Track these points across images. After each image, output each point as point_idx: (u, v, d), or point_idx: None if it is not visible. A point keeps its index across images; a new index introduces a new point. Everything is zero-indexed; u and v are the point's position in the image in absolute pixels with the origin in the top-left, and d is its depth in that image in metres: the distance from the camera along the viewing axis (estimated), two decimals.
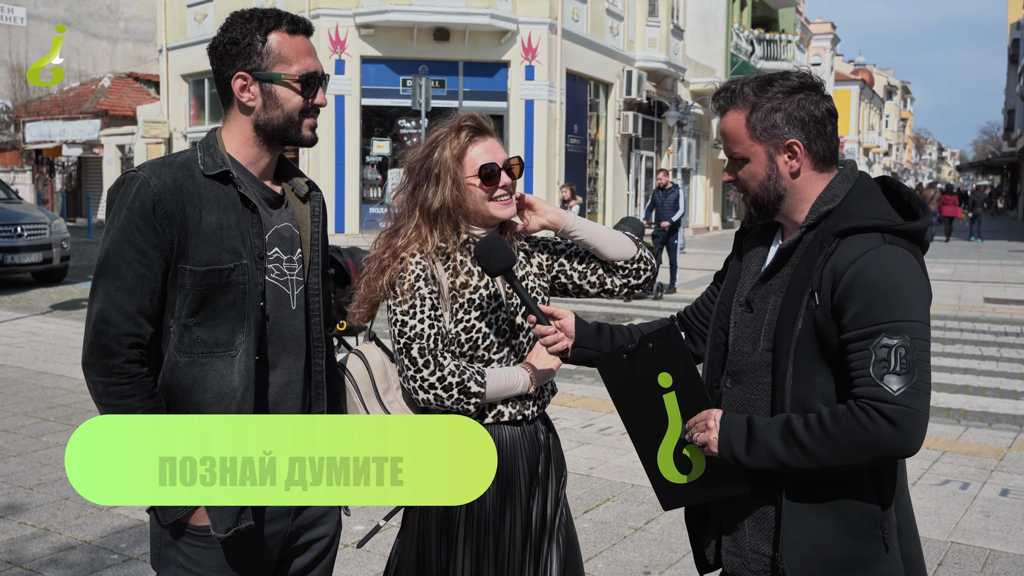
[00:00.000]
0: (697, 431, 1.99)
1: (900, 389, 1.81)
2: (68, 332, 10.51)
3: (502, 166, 2.40)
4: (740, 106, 2.04)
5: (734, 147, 2.06)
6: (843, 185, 2.03)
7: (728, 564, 2.15)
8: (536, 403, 2.47)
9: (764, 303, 2.05)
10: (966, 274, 18.28)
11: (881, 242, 1.91)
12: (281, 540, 2.17)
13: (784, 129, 2.00)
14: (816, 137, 2.02)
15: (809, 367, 1.94)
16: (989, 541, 4.66)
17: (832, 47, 59.24)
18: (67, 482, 5.33)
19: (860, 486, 1.95)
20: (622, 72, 24.47)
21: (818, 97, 2.02)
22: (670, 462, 2.09)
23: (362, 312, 2.45)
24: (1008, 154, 57.83)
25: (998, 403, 7.76)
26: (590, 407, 7.27)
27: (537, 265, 2.53)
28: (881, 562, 1.96)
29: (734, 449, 1.93)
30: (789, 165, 2.02)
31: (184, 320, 2.01)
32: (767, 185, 2.04)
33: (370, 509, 4.82)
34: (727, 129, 2.07)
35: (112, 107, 29.88)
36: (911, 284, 1.89)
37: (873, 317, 1.85)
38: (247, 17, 2.08)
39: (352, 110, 19.94)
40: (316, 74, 2.10)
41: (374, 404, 2.43)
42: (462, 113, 2.45)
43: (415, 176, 2.43)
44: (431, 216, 2.38)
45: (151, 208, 1.97)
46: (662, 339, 2.03)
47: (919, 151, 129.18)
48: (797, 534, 1.96)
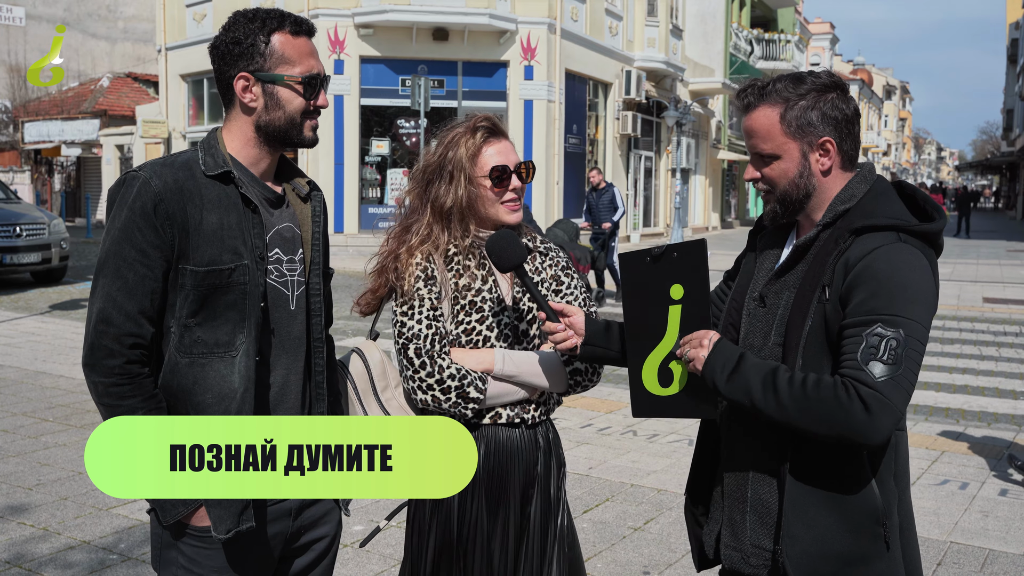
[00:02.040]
0: (690, 346, 2.02)
1: (882, 377, 1.83)
2: (67, 332, 10.51)
3: (513, 169, 2.40)
4: (773, 103, 2.03)
5: (764, 144, 2.05)
6: (861, 185, 2.05)
7: (727, 559, 2.16)
8: (540, 408, 2.46)
9: (778, 298, 2.07)
10: (965, 274, 18.30)
11: (895, 240, 1.93)
12: (282, 541, 2.17)
13: (819, 127, 2.01)
14: (847, 136, 2.04)
15: (817, 362, 1.95)
16: (988, 541, 4.66)
17: (831, 47, 59.27)
18: (66, 482, 5.33)
19: (863, 481, 1.96)
20: (621, 72, 24.48)
21: (847, 97, 2.06)
22: (654, 372, 2.13)
23: (366, 304, 2.47)
24: (1007, 154, 57.86)
25: (997, 403, 7.77)
26: (589, 407, 7.27)
27: (552, 277, 2.53)
28: (881, 560, 1.97)
29: (716, 374, 1.97)
30: (821, 163, 2.03)
31: (184, 320, 2.01)
32: (798, 183, 2.05)
33: (370, 510, 4.82)
34: (757, 126, 2.05)
35: (111, 107, 29.87)
36: (917, 284, 1.90)
37: (874, 307, 1.87)
38: (250, 17, 2.07)
39: (351, 110, 19.94)
40: (318, 75, 2.10)
41: (371, 402, 2.43)
42: (474, 114, 2.46)
43: (428, 173, 2.43)
44: (443, 214, 2.39)
45: (152, 208, 1.97)
46: (689, 250, 2.05)
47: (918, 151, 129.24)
48: (799, 528, 1.97)
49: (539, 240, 2.56)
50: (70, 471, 5.55)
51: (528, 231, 2.55)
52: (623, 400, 7.43)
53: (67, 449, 6.01)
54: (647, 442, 6.35)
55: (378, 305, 2.48)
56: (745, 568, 2.11)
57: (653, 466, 5.81)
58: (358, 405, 2.43)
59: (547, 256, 2.54)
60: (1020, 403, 7.77)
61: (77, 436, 6.30)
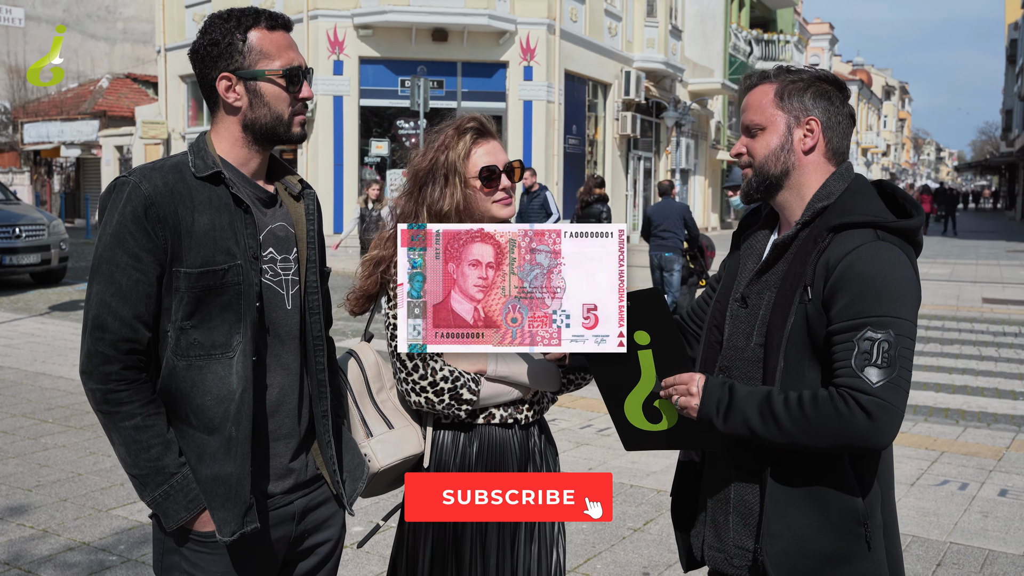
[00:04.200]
0: (678, 394, 2.02)
1: (879, 382, 1.84)
2: (66, 333, 10.50)
3: (502, 168, 2.41)
4: (772, 82, 2.11)
5: (754, 115, 2.10)
6: (839, 183, 2.06)
7: (711, 560, 2.17)
8: (532, 408, 2.47)
9: (759, 299, 2.07)
10: (964, 274, 18.30)
11: (874, 238, 1.94)
12: (285, 544, 2.17)
13: (808, 105, 2.07)
14: (835, 125, 2.08)
15: (799, 362, 1.96)
16: (988, 541, 4.66)
17: (830, 47, 59.30)
18: (66, 483, 5.33)
19: (844, 482, 1.97)
20: (620, 72, 24.48)
21: (843, 95, 2.11)
22: (639, 411, 2.12)
23: (355, 302, 2.48)
24: (1006, 154, 57.87)
25: (996, 403, 7.77)
26: (589, 408, 7.27)
27: None
28: (863, 560, 1.97)
29: (713, 416, 1.98)
30: (804, 142, 2.07)
31: (180, 323, 2.00)
32: (779, 155, 2.08)
33: (369, 511, 4.82)
34: (753, 100, 2.12)
35: (110, 108, 29.85)
36: (900, 281, 1.91)
37: (860, 310, 1.88)
38: (225, 17, 2.07)
39: (350, 111, 19.94)
40: (300, 68, 2.10)
41: (367, 404, 2.44)
42: (463, 114, 2.46)
43: (420, 177, 2.43)
44: (440, 218, 2.39)
45: (143, 212, 1.96)
46: (642, 300, 2.06)
47: (917, 151, 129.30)
48: (779, 527, 1.98)
49: None
50: (69, 472, 5.55)
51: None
52: None
53: (66, 450, 6.00)
54: None
55: (369, 305, 2.49)
56: (728, 569, 2.11)
57: (653, 467, 5.81)
58: (353, 407, 2.43)
59: None
60: (1019, 403, 7.77)
61: (76, 437, 6.30)
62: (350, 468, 2.30)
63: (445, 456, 2.42)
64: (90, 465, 5.69)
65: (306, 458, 2.20)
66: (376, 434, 2.40)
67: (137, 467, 1.99)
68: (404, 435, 2.41)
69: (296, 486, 2.17)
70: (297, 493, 2.17)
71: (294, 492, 2.17)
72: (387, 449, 2.38)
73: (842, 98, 2.09)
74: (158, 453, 1.98)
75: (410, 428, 2.43)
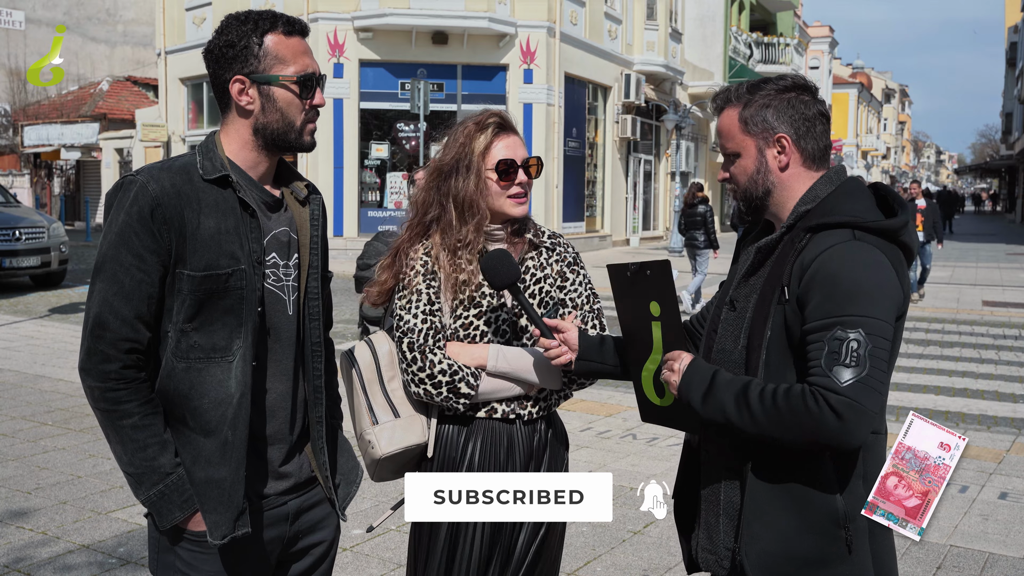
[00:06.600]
0: (667, 368, 2.07)
1: (848, 381, 1.83)
2: (66, 336, 10.50)
3: (520, 164, 2.42)
4: (734, 103, 2.11)
5: (727, 143, 2.13)
6: (825, 187, 2.07)
7: (704, 562, 2.17)
8: (537, 404, 2.48)
9: (746, 302, 2.09)
10: (964, 277, 18.30)
11: (850, 238, 1.94)
12: (279, 545, 2.17)
13: (773, 124, 2.06)
14: (806, 134, 2.07)
15: (780, 363, 1.96)
16: (988, 544, 4.66)
17: (830, 50, 59.29)
18: (66, 486, 5.32)
19: (825, 484, 1.96)
20: (620, 75, 24.49)
21: (810, 98, 2.09)
22: (650, 383, 2.19)
23: (374, 295, 2.52)
24: (1006, 157, 57.88)
25: (996, 406, 7.76)
26: (589, 410, 7.27)
27: (557, 273, 2.54)
28: (843, 563, 1.96)
29: (692, 396, 2.00)
30: (778, 160, 2.07)
31: (181, 325, 2.00)
32: (756, 179, 2.09)
33: (369, 513, 4.82)
34: (721, 126, 2.14)
35: (110, 111, 29.87)
36: (874, 280, 1.90)
37: (831, 310, 1.88)
38: (242, 19, 2.06)
39: (350, 113, 19.93)
40: (314, 74, 2.09)
41: (376, 391, 2.46)
42: (465, 115, 2.50)
43: (445, 170, 2.46)
44: (465, 207, 2.42)
45: (149, 212, 1.96)
46: (657, 270, 2.11)
47: (917, 154, 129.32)
48: (758, 527, 1.98)
49: (546, 235, 2.57)
50: (69, 475, 5.54)
51: (533, 227, 2.56)
52: (623, 403, 7.43)
53: (66, 453, 6.00)
54: (647, 445, 6.34)
55: (388, 298, 2.51)
56: (720, 571, 2.11)
57: (653, 469, 5.81)
58: (362, 395, 2.45)
59: (553, 251, 2.55)
60: (1020, 406, 7.77)
61: (76, 440, 6.29)
62: (344, 472, 2.31)
63: (449, 448, 2.44)
64: (90, 468, 5.69)
65: (300, 460, 2.21)
66: (381, 421, 2.42)
67: (133, 466, 2.00)
68: (409, 424, 2.44)
69: (290, 488, 2.17)
70: (291, 495, 2.18)
71: (288, 493, 2.17)
72: (390, 437, 2.41)
73: (808, 99, 2.08)
74: (154, 452, 1.99)
75: (415, 418, 2.45)
